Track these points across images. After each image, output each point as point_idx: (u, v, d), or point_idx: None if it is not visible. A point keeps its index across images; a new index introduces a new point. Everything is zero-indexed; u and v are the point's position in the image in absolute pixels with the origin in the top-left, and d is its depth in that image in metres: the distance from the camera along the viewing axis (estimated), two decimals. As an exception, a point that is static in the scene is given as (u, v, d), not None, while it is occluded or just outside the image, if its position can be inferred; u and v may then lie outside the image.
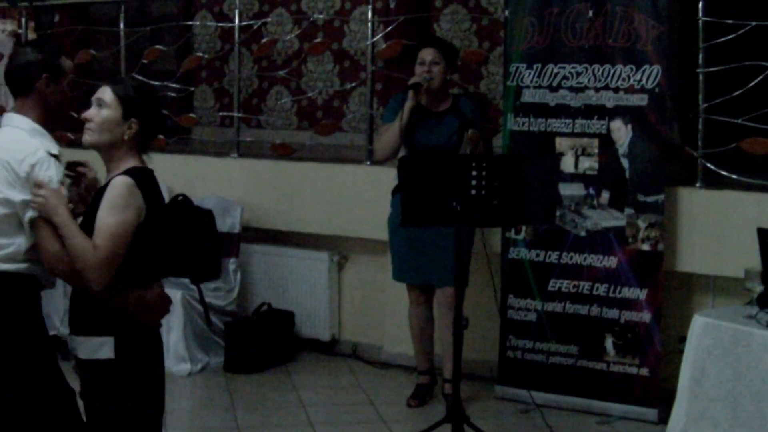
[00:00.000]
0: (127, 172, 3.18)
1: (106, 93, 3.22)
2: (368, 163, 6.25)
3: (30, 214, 3.22)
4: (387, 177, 5.68)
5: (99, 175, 3.44)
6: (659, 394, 5.32)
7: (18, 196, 3.25)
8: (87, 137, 3.24)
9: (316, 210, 6.52)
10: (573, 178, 5.54)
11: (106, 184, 3.20)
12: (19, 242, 3.29)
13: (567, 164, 5.54)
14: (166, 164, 7.02)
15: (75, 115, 3.60)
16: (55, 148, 3.37)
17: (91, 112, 3.21)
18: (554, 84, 5.58)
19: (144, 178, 3.19)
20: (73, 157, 3.53)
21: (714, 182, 5.43)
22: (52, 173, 3.26)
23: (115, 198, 3.12)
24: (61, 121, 3.50)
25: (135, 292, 3.18)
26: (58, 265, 3.20)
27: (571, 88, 5.54)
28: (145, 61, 7.41)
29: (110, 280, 3.12)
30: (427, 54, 5.47)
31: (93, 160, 3.48)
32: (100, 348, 3.17)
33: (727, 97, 5.35)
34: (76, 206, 3.33)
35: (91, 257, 3.09)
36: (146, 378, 3.23)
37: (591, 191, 5.50)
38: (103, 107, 3.21)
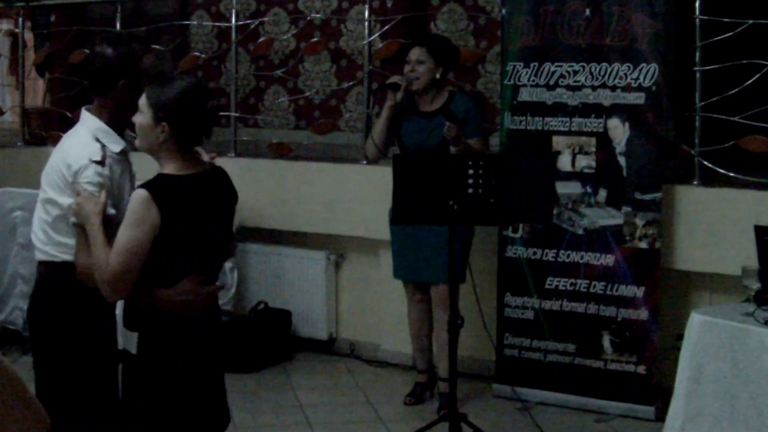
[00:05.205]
0: (147, 183, 3.18)
1: (142, 98, 3.22)
2: (365, 162, 6.25)
3: (72, 219, 3.30)
4: (384, 176, 5.68)
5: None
6: (656, 392, 5.33)
7: (66, 200, 3.32)
8: (135, 143, 3.31)
9: (313, 209, 6.52)
10: (570, 176, 5.54)
11: None
12: (73, 243, 3.34)
13: (564, 162, 5.55)
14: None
15: (69, 114, 3.59)
16: (117, 148, 3.42)
17: (135, 117, 3.23)
18: (551, 82, 5.58)
19: (165, 188, 3.15)
20: None
21: (711, 180, 5.43)
22: (93, 181, 3.29)
23: (129, 213, 3.14)
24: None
25: (160, 291, 3.18)
26: (83, 275, 3.25)
27: (568, 87, 5.54)
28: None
29: (125, 293, 3.15)
30: (413, 53, 5.47)
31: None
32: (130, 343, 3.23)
33: (724, 96, 5.35)
34: None
35: (103, 271, 3.13)
36: (166, 377, 3.21)
37: (588, 189, 5.51)
38: (139, 113, 3.22)
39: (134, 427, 3.25)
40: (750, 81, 5.25)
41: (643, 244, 5.36)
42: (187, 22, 8.80)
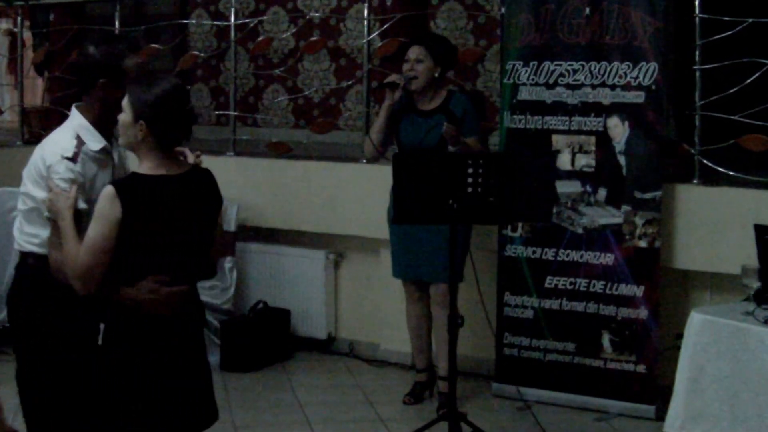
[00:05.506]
0: (116, 180, 3.31)
1: (125, 97, 3.28)
2: (364, 161, 6.24)
3: (45, 213, 3.38)
4: (383, 175, 5.67)
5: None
6: (656, 391, 5.32)
7: (40, 193, 3.41)
8: (119, 140, 3.38)
9: (313, 208, 6.51)
10: (570, 175, 5.53)
11: None
12: (45, 235, 3.42)
13: (564, 161, 5.54)
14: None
15: (68, 113, 3.62)
16: (97, 146, 3.47)
17: (119, 115, 3.29)
18: (551, 81, 5.57)
19: (133, 186, 3.21)
20: None
21: (711, 179, 5.43)
22: (64, 177, 3.36)
23: (97, 209, 3.20)
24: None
25: (125, 289, 3.21)
26: (56, 270, 3.31)
27: (567, 86, 5.53)
28: (140, 60, 7.38)
29: (94, 287, 3.19)
30: (411, 52, 5.46)
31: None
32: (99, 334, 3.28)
33: (724, 94, 5.34)
34: None
35: (74, 265, 3.19)
36: (127, 369, 3.23)
37: (588, 188, 5.50)
38: (122, 111, 3.27)
39: (94, 419, 3.28)
40: (750, 80, 5.24)
41: (643, 243, 5.36)
42: (186, 21, 8.80)
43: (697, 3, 5.39)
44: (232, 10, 7.15)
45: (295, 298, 6.59)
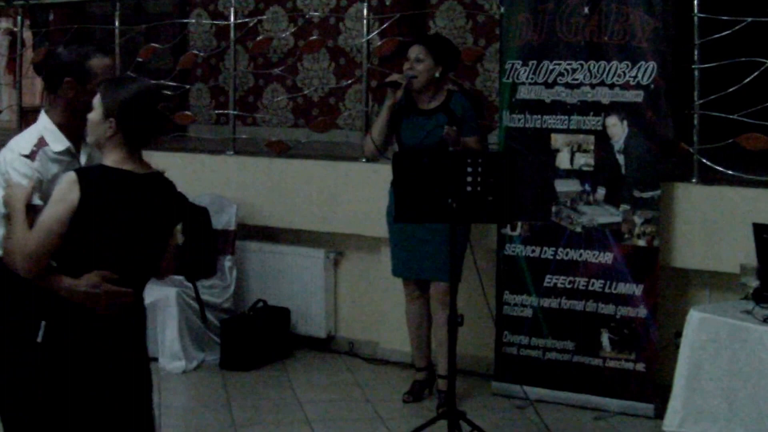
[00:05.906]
0: (80, 168, 3.34)
1: (96, 96, 3.30)
2: (364, 160, 6.24)
3: (2, 210, 3.37)
4: (383, 174, 5.69)
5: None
6: (655, 390, 5.33)
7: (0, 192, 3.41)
8: (87, 138, 3.39)
9: (312, 207, 6.52)
10: (569, 174, 5.54)
11: None
12: (2, 232, 3.40)
13: (563, 161, 5.55)
14: (162, 162, 7.00)
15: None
16: (59, 147, 3.48)
17: (89, 114, 3.32)
18: (550, 80, 5.58)
19: (95, 175, 3.23)
20: None
21: (710, 178, 5.43)
22: (20, 171, 3.38)
23: (55, 193, 3.22)
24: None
25: (64, 280, 3.21)
26: (10, 262, 3.28)
27: (566, 85, 5.54)
28: (140, 59, 7.40)
29: (39, 269, 3.19)
30: (412, 51, 5.47)
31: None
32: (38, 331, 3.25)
33: (723, 93, 5.35)
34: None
35: (21, 246, 3.19)
36: (68, 366, 3.22)
37: (587, 187, 5.51)
38: (92, 109, 3.30)
39: (33, 418, 3.26)
40: (748, 79, 5.24)
41: (642, 242, 5.36)
42: (185, 21, 8.81)
43: (695, 2, 5.40)
44: (232, 9, 7.16)
45: (294, 297, 6.59)
